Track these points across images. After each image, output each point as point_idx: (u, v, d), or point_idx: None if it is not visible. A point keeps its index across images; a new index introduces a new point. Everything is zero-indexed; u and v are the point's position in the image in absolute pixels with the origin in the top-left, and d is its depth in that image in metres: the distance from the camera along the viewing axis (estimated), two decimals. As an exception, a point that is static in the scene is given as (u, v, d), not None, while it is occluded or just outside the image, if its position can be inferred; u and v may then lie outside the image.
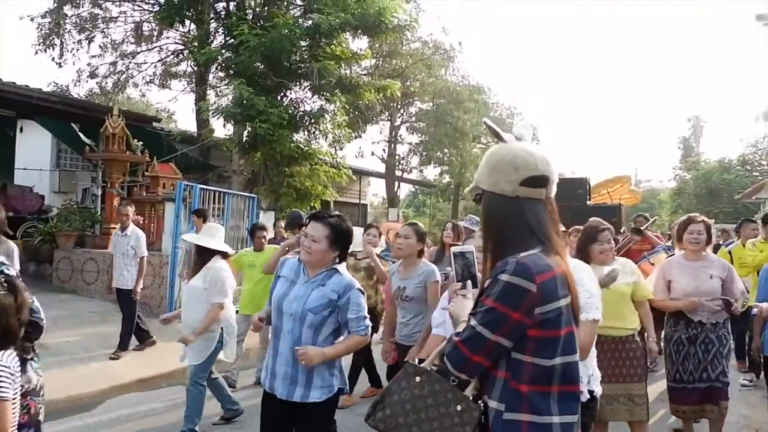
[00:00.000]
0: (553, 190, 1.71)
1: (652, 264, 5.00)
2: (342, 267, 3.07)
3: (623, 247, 7.68)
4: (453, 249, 1.96)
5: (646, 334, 4.17)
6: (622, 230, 8.48)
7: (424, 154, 28.37)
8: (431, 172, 33.30)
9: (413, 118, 27.26)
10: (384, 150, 26.83)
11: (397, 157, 27.51)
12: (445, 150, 27.16)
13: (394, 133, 26.67)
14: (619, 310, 3.83)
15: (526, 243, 1.59)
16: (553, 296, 1.52)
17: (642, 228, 8.28)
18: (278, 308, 2.98)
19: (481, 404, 1.60)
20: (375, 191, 39.05)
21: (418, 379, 1.65)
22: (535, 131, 33.53)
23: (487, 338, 1.51)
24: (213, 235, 4.86)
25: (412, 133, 27.67)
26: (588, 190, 9.97)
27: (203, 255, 4.70)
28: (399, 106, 24.73)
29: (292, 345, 2.89)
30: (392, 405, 1.66)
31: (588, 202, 9.65)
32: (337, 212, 3.15)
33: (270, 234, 8.20)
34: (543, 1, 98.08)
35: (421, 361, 1.78)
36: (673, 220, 30.85)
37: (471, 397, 1.61)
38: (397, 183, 29.13)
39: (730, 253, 6.95)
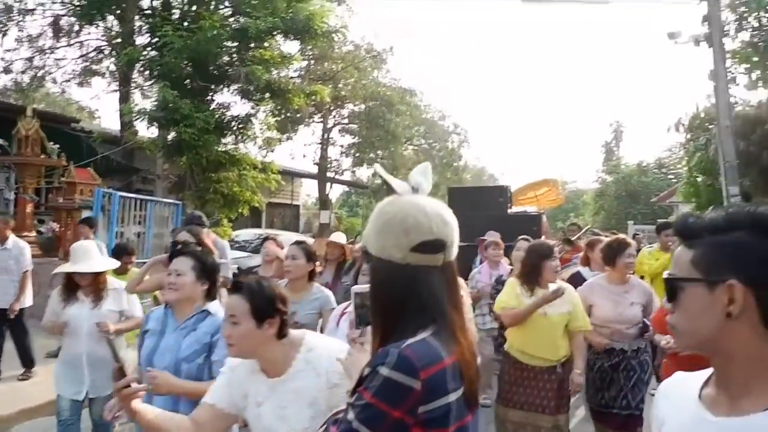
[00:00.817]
0: (454, 252, 1.50)
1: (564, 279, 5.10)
2: (215, 306, 2.79)
3: None
4: (353, 288, 1.74)
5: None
6: (541, 239, 8.68)
7: (357, 155, 28.44)
8: (364, 173, 33.42)
9: (345, 120, 27.23)
10: (316, 152, 26.68)
11: (329, 159, 27.40)
12: (378, 152, 27.31)
13: (326, 135, 26.56)
14: (551, 339, 3.80)
15: (416, 321, 1.38)
16: (441, 392, 1.33)
17: (573, 239, 8.53)
18: (149, 365, 2.63)
19: None
20: (308, 192, 38.81)
21: None
22: (466, 134, 34.30)
23: None
24: (89, 257, 4.05)
25: (344, 135, 27.64)
26: (509, 198, 9.91)
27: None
28: (331, 108, 24.63)
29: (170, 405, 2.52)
30: None
31: (509, 211, 9.56)
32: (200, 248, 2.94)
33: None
34: (475, 6, 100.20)
35: None
36: (596, 220, 32.33)
37: None
38: (329, 184, 29.03)
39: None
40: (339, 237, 5.82)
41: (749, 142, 9.43)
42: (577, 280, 4.80)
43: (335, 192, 40.75)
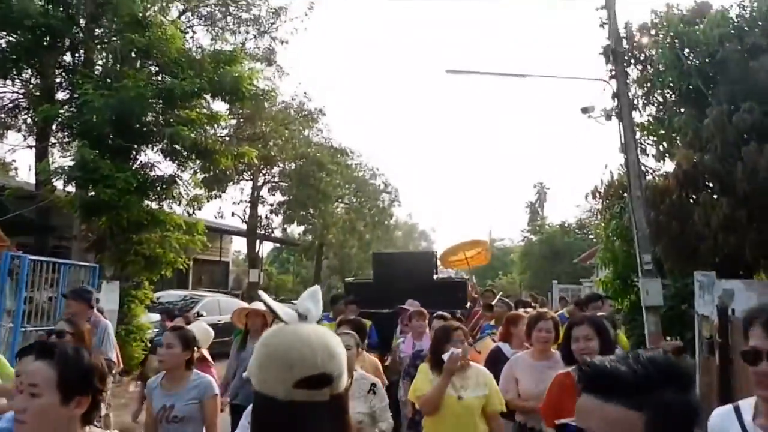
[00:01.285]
0: (342, 384, 1.42)
1: (479, 352, 5.04)
2: None
3: (475, 326, 7.92)
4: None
5: None
6: (467, 305, 8.70)
7: (288, 212, 28.26)
8: (295, 230, 33.19)
9: (276, 179, 27.12)
10: (245, 210, 26.31)
11: (258, 216, 27.07)
12: (310, 210, 27.26)
13: (255, 193, 26.31)
14: (468, 424, 3.66)
15: None
16: None
17: (492, 303, 8.62)
18: None
19: None
20: (237, 248, 38.11)
21: None
22: (396, 193, 34.82)
23: None
24: None
25: (274, 194, 27.48)
26: (435, 264, 9.97)
27: None
28: (261, 167, 24.52)
29: None
30: None
31: (435, 277, 9.51)
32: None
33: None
34: (405, 71, 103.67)
35: None
36: (523, 279, 33.17)
37: None
38: (258, 242, 28.58)
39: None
40: (259, 305, 5.54)
41: (659, 211, 9.92)
42: (497, 357, 4.72)
43: (266, 248, 40.19)
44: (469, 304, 8.78)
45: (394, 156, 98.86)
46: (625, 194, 10.18)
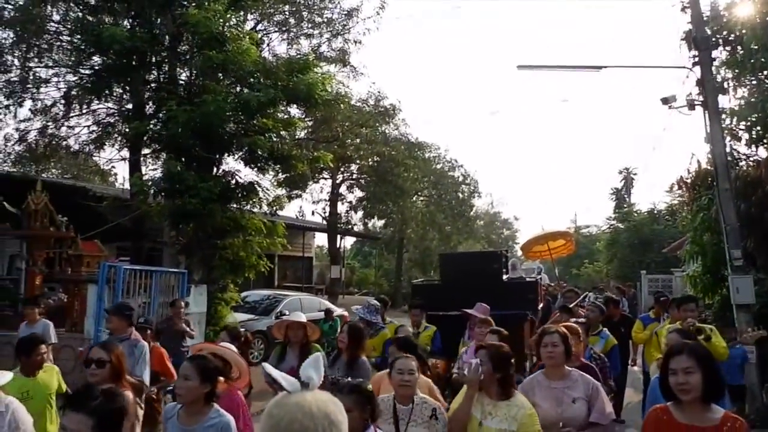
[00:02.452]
0: None
1: None
2: None
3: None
4: None
5: None
6: (539, 306, 8.53)
7: (368, 207, 28.66)
8: (376, 224, 33.59)
9: (353, 176, 27.54)
10: (324, 209, 26.89)
11: (338, 214, 27.60)
12: (389, 203, 27.50)
13: (334, 191, 26.83)
14: None
15: None
16: None
17: (571, 305, 8.25)
18: None
19: None
20: (320, 243, 39.02)
21: None
22: (476, 184, 34.43)
23: None
24: None
25: (353, 191, 27.91)
26: (504, 264, 9.53)
27: None
28: (339, 166, 24.96)
29: None
30: None
31: (504, 278, 9.21)
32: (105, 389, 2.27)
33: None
34: (482, 58, 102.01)
35: None
36: (610, 268, 31.96)
37: None
38: (339, 238, 29.15)
39: (656, 333, 6.31)
40: (299, 316, 5.60)
41: (750, 203, 9.35)
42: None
43: (348, 243, 40.95)
44: (541, 304, 8.57)
45: (475, 148, 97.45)
46: (714, 183, 9.59)
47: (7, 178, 15.22)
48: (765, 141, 10.01)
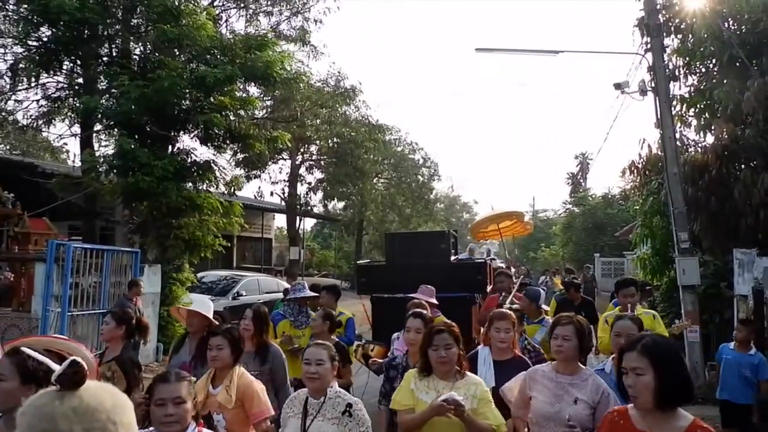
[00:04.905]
0: None
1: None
2: None
3: (483, 319, 7.00)
4: None
5: None
6: (488, 289, 8.17)
7: (327, 188, 28.53)
8: (336, 206, 33.50)
9: (313, 157, 27.34)
10: (284, 190, 26.65)
11: (298, 195, 27.40)
12: (349, 185, 27.42)
13: (293, 172, 26.60)
14: None
15: None
16: None
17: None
18: None
19: None
20: (280, 224, 38.71)
21: None
22: (436, 167, 34.63)
23: None
24: None
25: (312, 172, 27.73)
26: (452, 245, 9.02)
27: None
28: (299, 146, 24.73)
29: None
30: None
31: (451, 258, 8.69)
32: None
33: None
34: (442, 41, 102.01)
35: None
36: (565, 251, 32.67)
37: None
38: (298, 219, 28.97)
39: (606, 321, 5.77)
40: (202, 304, 4.88)
41: (698, 187, 9.65)
42: (471, 361, 4.00)
43: (308, 224, 40.74)
44: (490, 287, 8.16)
45: (436, 131, 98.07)
46: (663, 168, 9.86)
47: (-51, 152, 14.60)
48: (712, 128, 10.33)
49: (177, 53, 12.15)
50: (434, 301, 6.10)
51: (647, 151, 11.23)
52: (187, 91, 11.42)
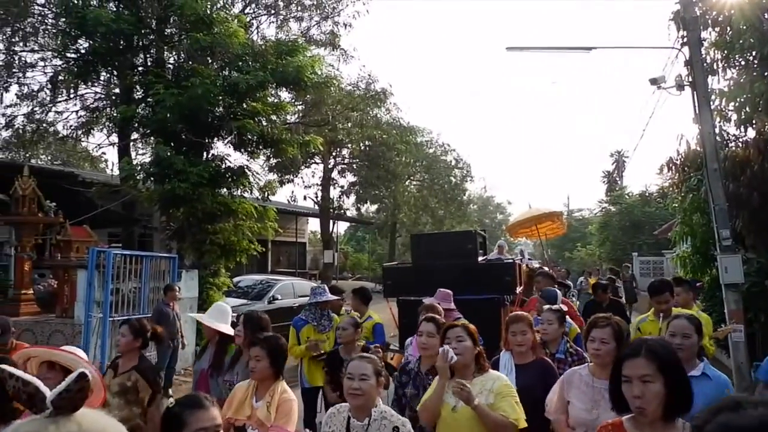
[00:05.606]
0: None
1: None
2: None
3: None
4: None
5: None
6: (517, 290, 7.94)
7: (360, 192, 28.65)
8: (369, 209, 33.61)
9: (345, 161, 27.48)
10: (316, 194, 26.84)
11: (330, 199, 27.57)
12: (381, 188, 27.50)
13: (326, 175, 26.78)
14: None
15: None
16: None
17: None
18: None
19: None
20: (314, 228, 39.00)
21: None
22: (469, 168, 34.46)
23: None
24: None
25: (345, 175, 27.86)
26: (480, 245, 8.68)
27: None
28: (330, 150, 24.88)
29: None
30: None
31: (480, 259, 8.36)
32: None
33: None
34: (473, 41, 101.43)
35: None
36: (602, 251, 32.10)
37: None
38: (332, 223, 29.14)
39: (639, 329, 5.52)
40: (214, 312, 4.81)
41: (739, 183, 9.38)
42: (493, 368, 3.84)
43: (342, 227, 40.93)
44: (519, 288, 7.93)
45: (468, 132, 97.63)
46: (703, 164, 9.60)
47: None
48: (753, 122, 10.03)
49: (210, 61, 12.33)
50: (451, 305, 5.74)
51: (685, 147, 10.95)
52: (221, 97, 11.60)
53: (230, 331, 4.56)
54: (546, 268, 11.07)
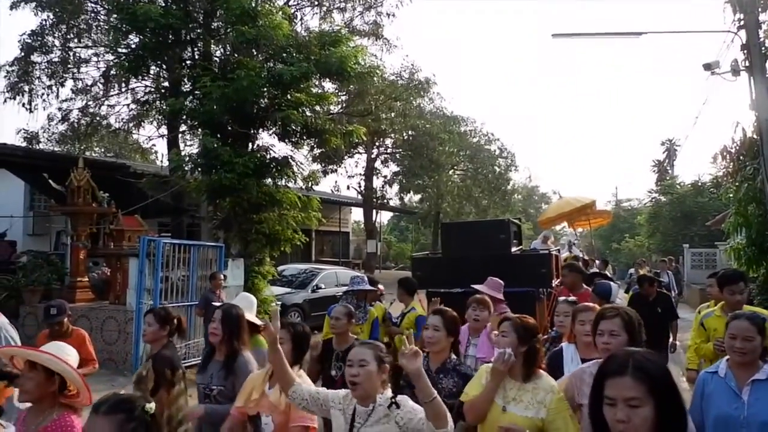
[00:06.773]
0: None
1: None
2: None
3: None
4: None
5: None
6: (553, 283, 7.55)
7: (403, 181, 28.65)
8: (412, 198, 33.58)
9: (388, 151, 27.50)
10: (360, 184, 26.96)
11: (374, 188, 27.66)
12: (425, 177, 27.44)
13: (370, 165, 26.86)
14: None
15: None
16: None
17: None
18: None
19: None
20: (357, 218, 39.24)
21: None
22: (513, 157, 34.02)
23: None
24: None
25: (388, 165, 27.90)
26: (513, 235, 8.19)
27: None
28: (374, 140, 24.93)
29: None
30: None
31: (513, 250, 7.94)
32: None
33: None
34: (521, 31, 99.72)
35: None
36: (651, 242, 31.26)
37: None
38: (375, 212, 29.24)
39: (702, 324, 5.04)
40: (250, 302, 4.78)
41: (798, 172, 8.98)
42: (555, 364, 3.68)
43: (385, 217, 41.04)
44: (556, 281, 7.48)
45: (512, 121, 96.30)
46: (760, 152, 9.22)
47: (51, 156, 15.70)
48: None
49: (255, 53, 12.50)
50: (500, 296, 5.51)
51: (741, 134, 10.52)
52: (265, 89, 11.74)
53: (258, 322, 4.43)
54: (585, 258, 10.70)
